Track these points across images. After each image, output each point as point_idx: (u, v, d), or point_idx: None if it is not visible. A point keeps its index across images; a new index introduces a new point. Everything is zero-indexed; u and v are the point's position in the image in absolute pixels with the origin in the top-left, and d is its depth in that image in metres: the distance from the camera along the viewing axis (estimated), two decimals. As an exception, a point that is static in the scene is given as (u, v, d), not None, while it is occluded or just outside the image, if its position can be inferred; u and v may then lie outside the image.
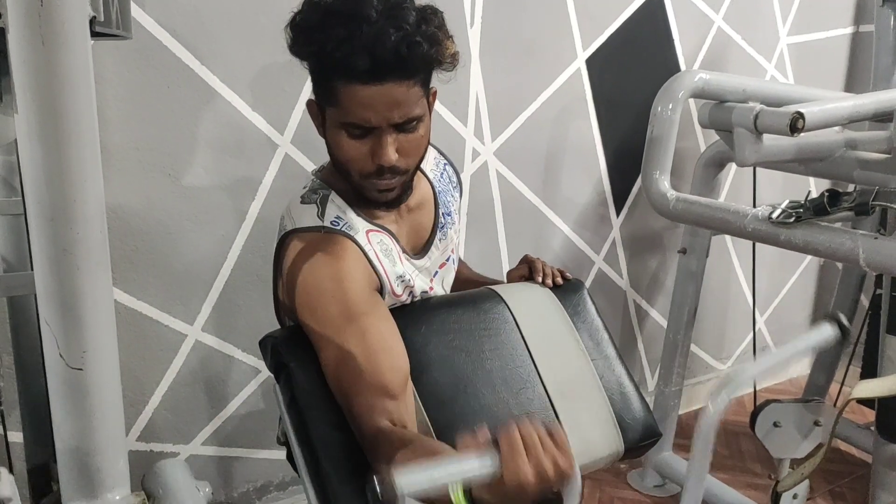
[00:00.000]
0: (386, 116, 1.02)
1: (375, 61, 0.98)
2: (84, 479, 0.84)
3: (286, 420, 1.12)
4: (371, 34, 0.97)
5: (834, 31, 2.80)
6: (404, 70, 1.01)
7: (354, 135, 1.05)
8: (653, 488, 2.35)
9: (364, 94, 1.00)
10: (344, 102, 1.02)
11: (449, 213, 1.31)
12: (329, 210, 1.13)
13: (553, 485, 0.81)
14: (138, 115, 1.57)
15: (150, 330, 1.70)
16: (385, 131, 1.04)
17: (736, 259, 2.81)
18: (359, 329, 1.05)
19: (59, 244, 0.76)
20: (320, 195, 1.15)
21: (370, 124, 1.03)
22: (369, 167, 1.07)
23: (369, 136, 1.05)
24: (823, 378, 2.59)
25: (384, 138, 1.04)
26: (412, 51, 0.99)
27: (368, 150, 1.05)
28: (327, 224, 1.11)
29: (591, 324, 1.34)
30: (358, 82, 0.99)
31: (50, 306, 0.78)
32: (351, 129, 1.04)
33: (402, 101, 1.02)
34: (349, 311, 1.06)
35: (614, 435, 1.24)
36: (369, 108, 1.01)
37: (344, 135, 1.05)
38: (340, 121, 1.05)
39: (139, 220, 1.62)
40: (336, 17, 0.98)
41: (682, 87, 1.82)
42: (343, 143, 1.06)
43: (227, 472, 1.91)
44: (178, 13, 1.56)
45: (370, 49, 0.97)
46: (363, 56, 0.97)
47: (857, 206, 1.45)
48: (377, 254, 1.13)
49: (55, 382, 0.81)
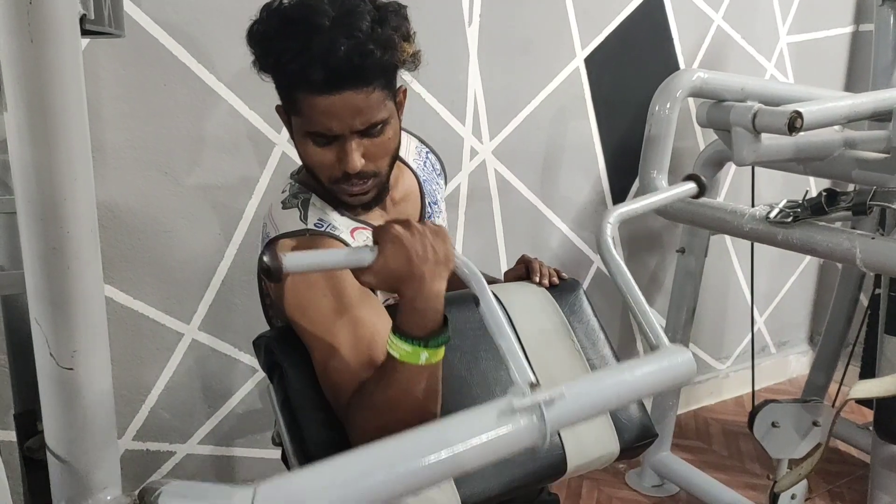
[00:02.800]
0: (348, 124, 1.02)
1: (329, 72, 0.97)
2: (75, 480, 0.83)
3: (280, 420, 1.12)
4: (323, 45, 0.96)
5: (834, 30, 2.79)
6: (359, 78, 1.00)
7: (320, 143, 1.05)
8: (651, 488, 2.34)
9: (323, 104, 1.00)
10: (306, 112, 1.02)
11: (435, 201, 1.32)
12: (311, 213, 1.12)
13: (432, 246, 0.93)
14: (134, 113, 1.57)
15: (147, 329, 1.70)
16: (349, 138, 1.04)
17: (735, 258, 2.80)
18: (350, 321, 1.04)
19: (48, 242, 0.75)
20: (300, 199, 1.14)
21: (333, 132, 1.03)
22: (337, 173, 1.07)
23: (334, 144, 1.05)
24: (822, 378, 2.58)
25: (348, 145, 1.04)
26: (365, 59, 0.98)
27: (335, 156, 1.05)
28: (311, 226, 1.11)
29: (588, 323, 1.34)
30: (316, 93, 0.99)
31: (40, 305, 0.77)
32: (315, 137, 1.05)
33: (362, 108, 1.02)
34: (340, 304, 1.05)
35: (610, 435, 1.23)
36: (331, 118, 1.01)
37: (310, 143, 1.06)
38: (305, 130, 1.05)
39: (135, 218, 1.62)
40: (289, 27, 0.98)
41: (681, 86, 1.81)
42: (310, 151, 1.07)
43: (224, 470, 1.91)
44: (173, 10, 1.56)
45: (322, 60, 0.97)
46: (316, 68, 0.97)
47: (854, 206, 1.45)
48: None
49: (45, 382, 0.80)
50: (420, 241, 0.91)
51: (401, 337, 0.92)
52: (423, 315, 0.93)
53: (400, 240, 0.90)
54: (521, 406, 0.77)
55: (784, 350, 3.13)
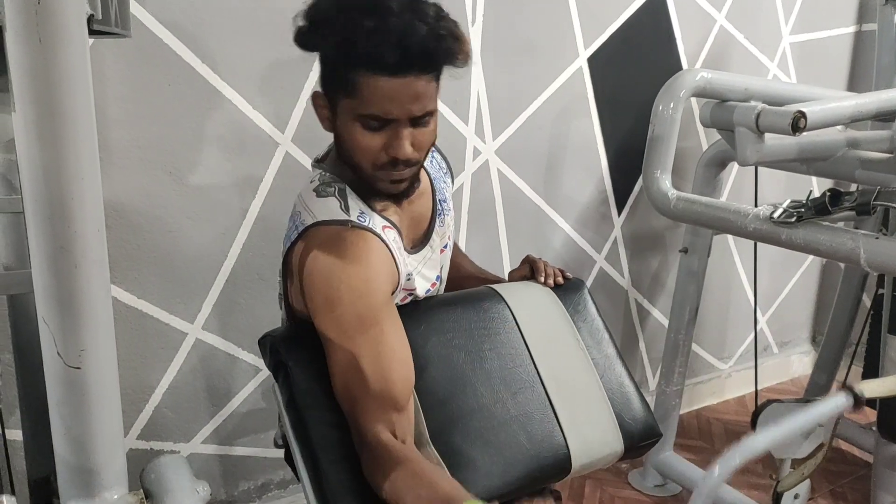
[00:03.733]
0: (407, 109, 1.03)
1: (404, 54, 0.98)
2: (82, 478, 0.84)
3: (285, 419, 1.12)
4: (400, 26, 0.97)
5: (836, 29, 2.79)
6: (430, 64, 1.02)
7: (371, 126, 1.05)
8: (654, 488, 2.34)
9: (388, 86, 1.00)
10: (365, 94, 1.02)
11: (444, 199, 1.32)
12: (352, 204, 1.11)
13: None
14: (139, 113, 1.57)
15: (151, 328, 1.70)
16: (402, 124, 1.04)
17: (738, 258, 2.80)
18: (374, 336, 1.04)
19: (56, 242, 0.75)
20: (336, 188, 1.13)
21: (391, 116, 1.03)
22: (383, 158, 1.07)
23: (385, 129, 1.05)
24: (825, 378, 2.59)
25: (401, 131, 1.05)
26: (438, 45, 1.00)
27: (383, 142, 1.05)
28: (354, 219, 1.09)
29: (592, 323, 1.34)
30: (383, 74, 1.00)
31: (48, 304, 0.78)
32: (368, 120, 1.04)
33: (422, 95, 1.03)
34: (370, 315, 1.05)
35: (614, 434, 1.23)
36: (392, 101, 1.02)
37: (359, 127, 1.05)
38: (358, 112, 1.04)
39: (140, 218, 1.62)
40: (358, 8, 0.99)
41: (684, 86, 1.81)
42: (357, 135, 1.06)
43: (228, 470, 1.91)
44: (179, 11, 1.56)
45: (399, 41, 0.98)
46: (393, 48, 0.98)
47: (858, 206, 1.45)
48: (396, 251, 1.13)
49: (53, 381, 0.81)
50: None
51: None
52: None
53: None
54: None
55: (786, 350, 3.13)
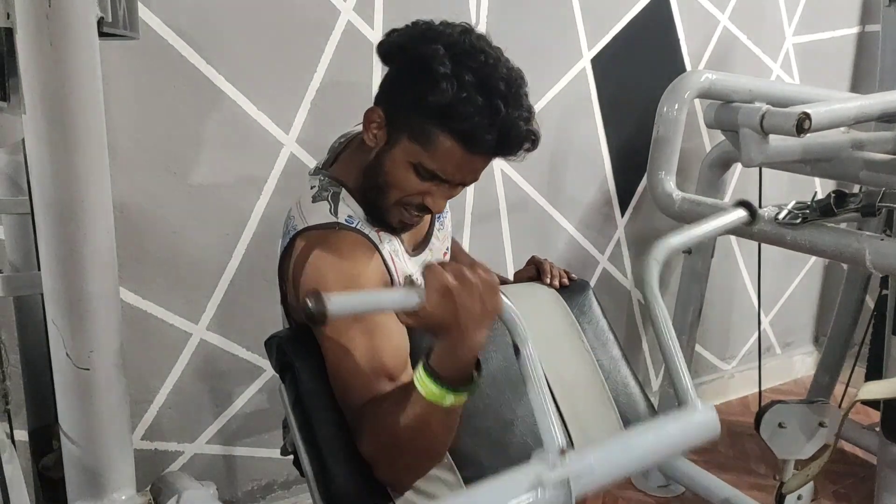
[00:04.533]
0: (465, 179, 1.08)
1: (499, 144, 1.02)
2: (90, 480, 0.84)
3: (291, 420, 1.12)
4: (509, 119, 1.00)
5: (840, 30, 2.79)
6: (511, 154, 1.06)
7: (423, 176, 1.07)
8: (657, 489, 2.34)
9: (464, 159, 1.04)
10: (438, 153, 1.03)
11: None
12: (341, 208, 1.12)
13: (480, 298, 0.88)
14: (144, 113, 1.57)
15: (155, 328, 1.70)
16: (451, 185, 1.08)
17: (741, 259, 2.80)
18: (366, 327, 1.04)
19: (66, 244, 0.76)
20: (330, 192, 1.14)
21: (449, 178, 1.06)
22: (415, 201, 1.09)
23: (432, 181, 1.07)
24: (828, 379, 2.58)
25: (445, 191, 1.09)
26: (525, 145, 1.06)
27: (424, 189, 1.08)
28: (341, 221, 1.11)
29: (597, 324, 1.34)
30: (466, 148, 1.02)
31: (57, 306, 0.78)
32: (424, 172, 1.06)
33: (481, 169, 1.08)
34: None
35: (619, 436, 1.23)
36: (460, 170, 1.05)
37: (411, 170, 1.07)
38: (420, 161, 1.05)
39: (144, 218, 1.62)
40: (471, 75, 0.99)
41: (689, 88, 1.82)
42: (404, 176, 1.07)
43: (232, 470, 1.92)
44: (183, 12, 1.56)
45: (503, 132, 1.01)
46: (492, 136, 1.01)
47: (863, 208, 1.45)
48: (390, 253, 1.14)
49: (62, 382, 0.81)
50: (469, 293, 0.87)
51: (430, 376, 0.90)
52: (459, 361, 0.91)
53: (450, 293, 0.86)
54: (550, 480, 0.78)
55: (789, 351, 3.13)
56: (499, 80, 1.00)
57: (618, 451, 0.87)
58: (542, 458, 0.80)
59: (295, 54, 1.72)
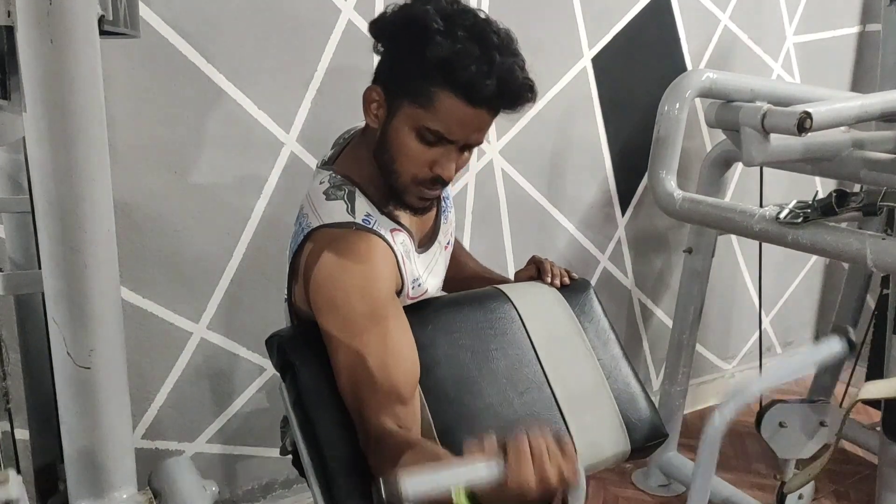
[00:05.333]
0: (470, 137, 1.06)
1: (500, 92, 1.01)
2: (91, 478, 0.83)
3: (292, 419, 1.12)
4: (505, 66, 1.00)
5: (840, 30, 2.79)
6: (512, 107, 1.06)
7: (427, 140, 1.05)
8: (657, 488, 2.34)
9: (466, 113, 1.02)
10: (440, 111, 1.02)
11: (447, 195, 1.33)
12: (358, 207, 1.11)
13: (556, 491, 0.83)
14: (144, 112, 1.57)
15: (156, 327, 1.70)
16: (457, 148, 1.07)
17: (742, 259, 2.80)
18: (380, 332, 1.04)
19: (67, 243, 0.75)
20: (346, 191, 1.12)
21: (452, 139, 1.05)
22: (425, 174, 1.08)
23: (438, 147, 1.06)
24: (829, 378, 2.58)
25: (454, 154, 1.07)
26: (525, 93, 1.05)
27: (431, 158, 1.06)
28: (359, 221, 1.10)
29: (598, 323, 1.34)
30: (468, 101, 1.01)
31: (57, 305, 0.78)
32: (427, 134, 1.04)
33: (485, 127, 1.07)
34: (375, 312, 1.04)
35: (620, 435, 1.23)
36: (463, 126, 1.04)
37: (414, 137, 1.05)
38: (422, 124, 1.04)
39: (145, 217, 1.62)
40: (463, 29, 1.00)
41: (690, 87, 1.81)
42: (410, 145, 1.06)
43: (232, 469, 1.91)
44: (184, 11, 1.56)
45: (500, 80, 1.00)
46: (493, 83, 1.00)
47: (864, 207, 1.45)
48: (402, 255, 1.13)
49: (62, 381, 0.81)
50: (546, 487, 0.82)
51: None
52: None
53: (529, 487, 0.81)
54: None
55: (790, 350, 3.13)
56: (491, 32, 1.02)
57: None
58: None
59: (296, 53, 1.72)
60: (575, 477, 0.85)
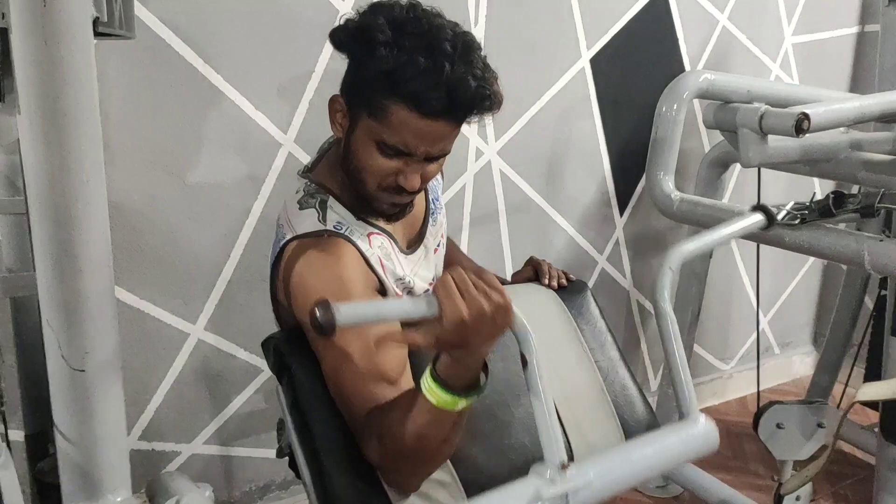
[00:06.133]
0: (428, 150, 1.04)
1: (451, 103, 0.99)
2: (85, 481, 0.83)
3: (288, 421, 1.12)
4: (455, 76, 0.98)
5: (839, 30, 2.79)
6: (468, 116, 1.04)
7: (387, 154, 1.05)
8: (655, 489, 2.34)
9: (419, 126, 1.01)
10: (393, 124, 1.01)
11: (437, 197, 1.33)
12: (330, 215, 1.12)
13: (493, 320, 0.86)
14: (141, 113, 1.57)
15: (153, 328, 1.70)
16: (417, 159, 1.05)
17: (739, 260, 2.80)
18: (360, 329, 1.04)
19: (61, 245, 0.75)
20: (318, 199, 1.14)
21: (409, 151, 1.04)
22: (390, 183, 1.07)
23: (400, 157, 1.05)
24: (826, 379, 2.58)
25: (415, 165, 1.06)
26: (482, 102, 1.02)
27: (394, 168, 1.06)
28: (330, 228, 1.11)
29: (595, 325, 1.34)
30: (418, 113, 1.00)
31: (52, 307, 0.78)
32: (386, 148, 1.04)
33: (446, 138, 1.05)
34: None
35: (617, 435, 1.23)
36: (418, 139, 1.02)
37: (374, 149, 1.05)
38: (379, 138, 1.04)
39: (142, 218, 1.62)
40: (413, 37, 0.98)
41: (688, 88, 1.82)
42: (370, 156, 1.06)
43: (229, 471, 1.91)
44: (182, 12, 1.55)
45: (451, 90, 0.98)
46: (441, 96, 0.98)
47: (862, 208, 1.45)
48: (379, 258, 1.13)
49: (57, 384, 0.81)
50: (481, 316, 0.85)
51: (440, 385, 0.90)
52: (468, 369, 0.91)
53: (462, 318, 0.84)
54: (549, 495, 0.78)
55: (788, 351, 3.13)
56: (443, 41, 0.99)
57: (617, 464, 0.87)
58: (542, 471, 0.80)
59: (293, 54, 1.71)
60: (504, 300, 0.87)
